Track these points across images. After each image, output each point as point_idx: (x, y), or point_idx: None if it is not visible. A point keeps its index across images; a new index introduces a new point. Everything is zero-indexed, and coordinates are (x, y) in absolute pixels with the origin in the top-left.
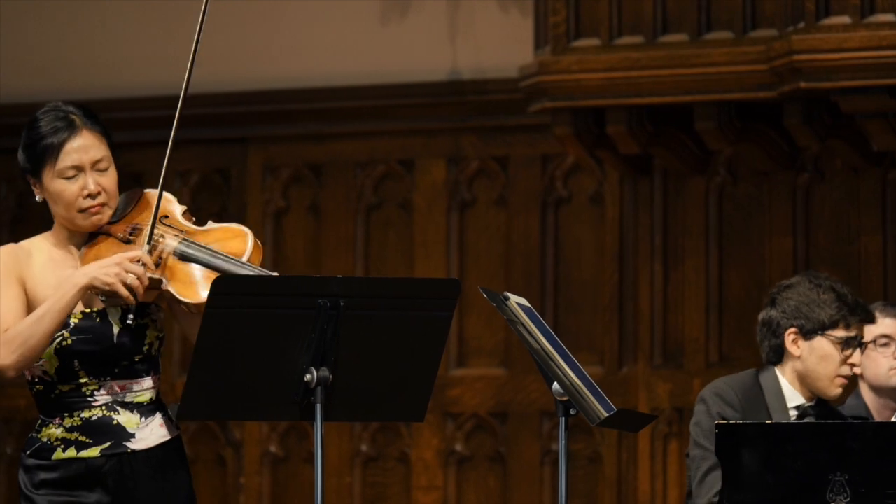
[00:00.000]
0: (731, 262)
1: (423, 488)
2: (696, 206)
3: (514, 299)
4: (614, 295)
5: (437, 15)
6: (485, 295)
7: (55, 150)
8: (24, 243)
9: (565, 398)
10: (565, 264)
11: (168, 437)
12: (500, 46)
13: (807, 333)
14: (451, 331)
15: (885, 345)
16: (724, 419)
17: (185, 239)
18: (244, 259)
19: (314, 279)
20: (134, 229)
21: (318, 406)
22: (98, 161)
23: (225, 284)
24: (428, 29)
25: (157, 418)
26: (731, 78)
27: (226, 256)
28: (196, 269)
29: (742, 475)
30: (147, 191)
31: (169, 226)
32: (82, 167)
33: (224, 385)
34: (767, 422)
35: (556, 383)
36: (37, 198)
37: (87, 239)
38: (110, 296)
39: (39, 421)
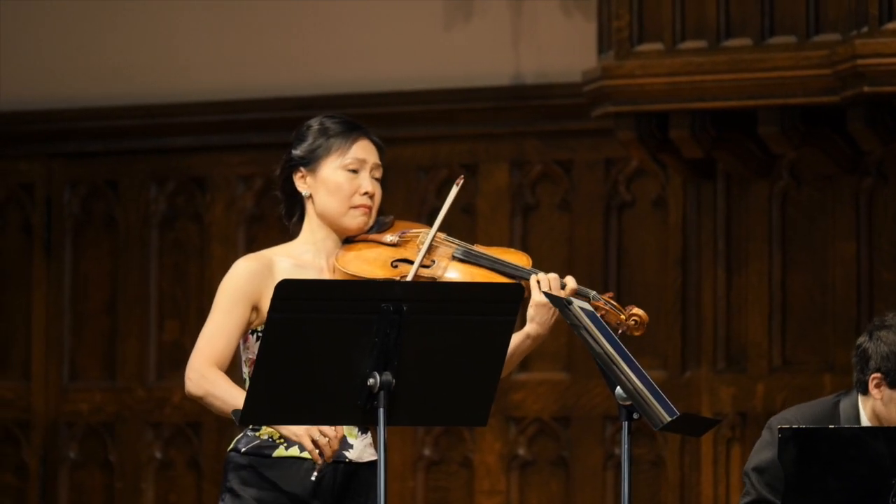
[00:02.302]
0: (794, 266)
1: (485, 493)
2: (760, 210)
3: (578, 303)
4: (677, 299)
5: (500, 19)
6: (548, 299)
7: (347, 144)
8: (268, 251)
9: (628, 402)
10: (628, 268)
11: (374, 458)
12: (564, 51)
13: (892, 384)
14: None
15: None
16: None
17: (466, 248)
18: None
19: (377, 283)
20: (403, 234)
21: (382, 410)
22: (376, 166)
23: (289, 289)
24: (491, 33)
25: (368, 437)
26: (794, 82)
27: (510, 263)
28: (478, 271)
29: (805, 480)
30: (398, 220)
31: (444, 240)
32: (365, 164)
33: (287, 389)
34: (830, 426)
35: (618, 387)
36: (302, 192)
37: (344, 240)
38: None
39: None
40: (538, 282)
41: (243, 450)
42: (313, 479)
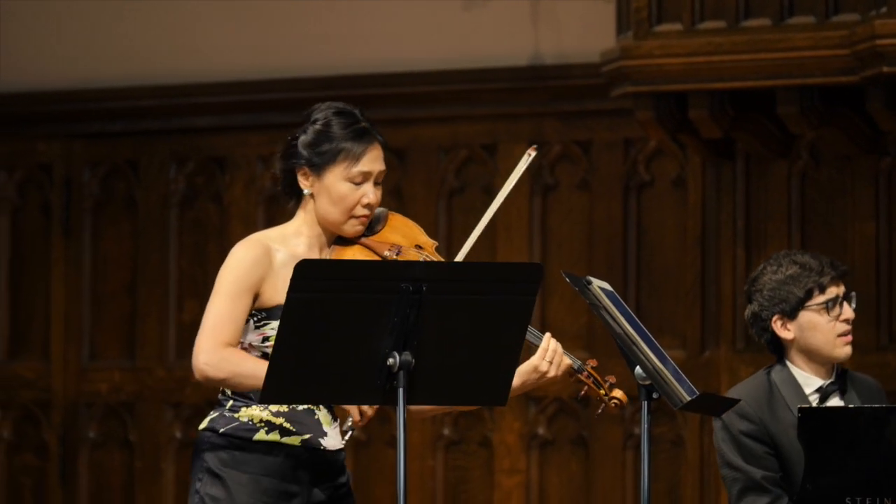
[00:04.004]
0: (813, 246)
1: (505, 472)
2: (779, 190)
3: (597, 283)
4: (696, 279)
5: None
6: (567, 279)
7: (356, 156)
8: (264, 238)
9: (648, 382)
10: (648, 248)
11: (342, 447)
12: (582, 31)
13: (790, 314)
14: (533, 315)
15: None
16: (742, 433)
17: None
18: None
19: (397, 263)
20: (399, 253)
21: (401, 390)
22: (381, 174)
23: (308, 269)
24: (510, 14)
25: (338, 425)
26: (813, 62)
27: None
28: None
29: (825, 459)
30: (393, 213)
31: (428, 257)
32: (370, 176)
33: (306, 369)
34: (850, 406)
35: (638, 367)
36: (304, 190)
37: (336, 240)
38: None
39: (232, 401)
40: (546, 350)
41: (221, 430)
42: (346, 438)
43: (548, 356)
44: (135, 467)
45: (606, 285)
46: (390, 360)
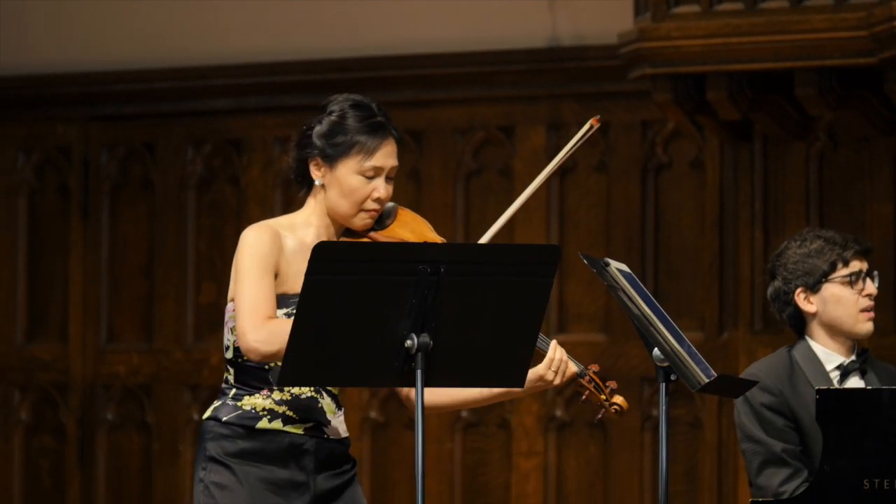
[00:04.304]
0: (831, 227)
1: (523, 454)
2: (797, 171)
3: (615, 265)
4: (714, 261)
5: None
6: (585, 261)
7: (370, 150)
8: (274, 224)
9: (666, 364)
10: (665, 230)
11: (346, 435)
12: (600, 13)
13: (813, 287)
14: (551, 297)
15: None
16: (764, 406)
17: None
18: None
19: (415, 245)
20: None
21: (419, 372)
22: (393, 169)
23: (326, 251)
24: None
25: (342, 413)
26: (831, 44)
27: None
28: None
29: (841, 441)
30: (402, 208)
31: None
32: (383, 171)
33: (324, 351)
34: (868, 388)
35: (656, 349)
36: (315, 181)
37: (345, 232)
38: None
39: (235, 389)
40: (552, 360)
41: (224, 419)
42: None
43: (553, 365)
44: (152, 449)
45: (624, 267)
46: (408, 342)
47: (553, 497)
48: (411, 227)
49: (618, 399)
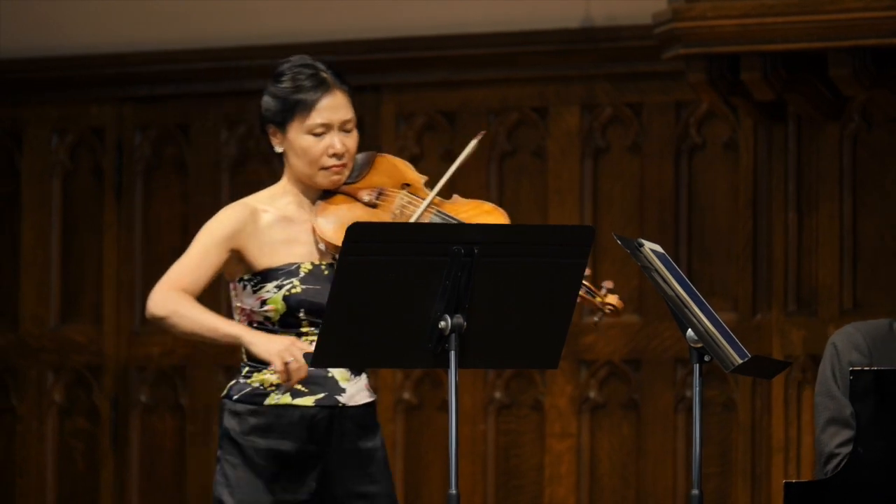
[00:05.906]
0: (865, 208)
1: (556, 435)
2: (831, 152)
3: (649, 246)
4: (748, 242)
5: None
6: (619, 242)
7: (308, 107)
8: (252, 201)
9: (699, 345)
10: (699, 211)
11: (371, 399)
12: None
13: None
14: (584, 278)
15: None
16: (851, 364)
17: (438, 211)
18: None
19: (449, 226)
20: (380, 195)
21: (453, 353)
22: (346, 122)
23: (360, 232)
24: None
25: (363, 378)
26: (865, 24)
27: None
28: None
29: (877, 421)
30: (381, 154)
31: (414, 195)
32: (331, 126)
33: (358, 332)
34: None
35: (690, 330)
36: (276, 149)
37: (322, 195)
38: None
39: (247, 367)
40: None
41: (235, 397)
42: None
43: None
44: (186, 431)
45: (658, 248)
46: (442, 323)
47: (586, 478)
48: (388, 173)
49: (611, 299)
